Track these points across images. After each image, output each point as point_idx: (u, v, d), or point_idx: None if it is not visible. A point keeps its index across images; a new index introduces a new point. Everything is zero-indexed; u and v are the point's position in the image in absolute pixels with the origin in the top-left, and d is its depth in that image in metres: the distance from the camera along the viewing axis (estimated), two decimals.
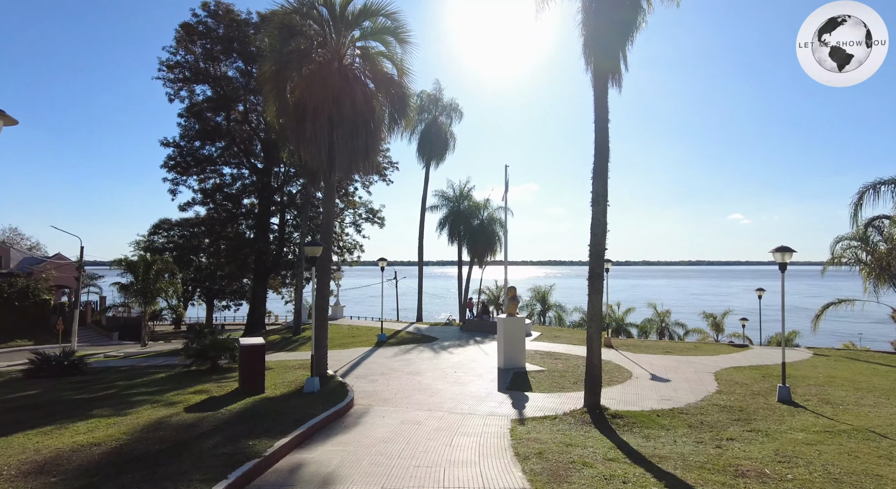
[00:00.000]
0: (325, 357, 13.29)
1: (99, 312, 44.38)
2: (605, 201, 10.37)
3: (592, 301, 10.31)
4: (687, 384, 13.74)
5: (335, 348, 20.65)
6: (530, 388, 13.05)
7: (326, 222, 13.47)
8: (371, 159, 13.11)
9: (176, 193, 31.57)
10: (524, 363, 15.97)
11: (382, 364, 16.63)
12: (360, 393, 12.50)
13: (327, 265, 13.49)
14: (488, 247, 37.19)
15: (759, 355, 19.41)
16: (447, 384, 13.59)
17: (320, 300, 13.30)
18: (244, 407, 10.22)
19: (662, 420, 10.01)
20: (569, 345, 20.73)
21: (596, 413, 9.96)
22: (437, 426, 9.41)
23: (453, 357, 17.89)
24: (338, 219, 37.09)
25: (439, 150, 32.42)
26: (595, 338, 10.28)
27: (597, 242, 10.32)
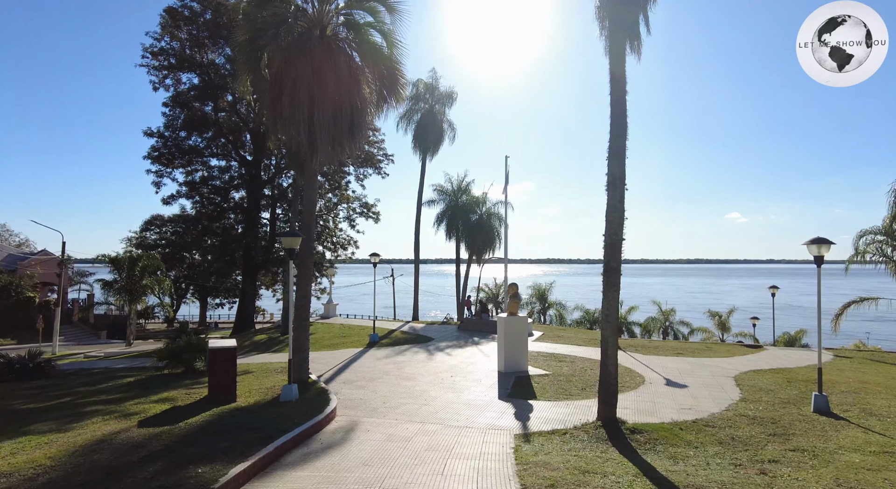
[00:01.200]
0: (305, 361, 11.98)
1: (84, 310, 42.87)
2: (623, 184, 9.06)
3: (608, 298, 9.01)
4: (706, 390, 12.46)
5: (323, 349, 19.34)
6: (534, 395, 11.75)
7: (308, 211, 12.14)
8: (357, 140, 11.79)
9: (160, 186, 30.21)
10: (527, 366, 14.68)
11: (372, 367, 15.32)
12: (345, 401, 11.19)
13: (309, 258, 12.17)
14: (487, 244, 35.88)
15: (776, 357, 18.15)
16: (442, 390, 12.29)
17: (301, 298, 12.00)
18: (207, 420, 8.89)
19: (687, 435, 8.72)
20: (573, 346, 19.46)
21: (612, 427, 8.67)
22: (429, 444, 8.10)
23: (450, 359, 16.58)
24: (331, 214, 35.77)
25: (436, 140, 31.05)
26: (611, 341, 8.99)
27: (613, 231, 9.02)
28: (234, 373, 10.65)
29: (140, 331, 50.15)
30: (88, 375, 15.96)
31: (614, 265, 9.01)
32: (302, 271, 12.09)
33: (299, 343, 11.88)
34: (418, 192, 31.60)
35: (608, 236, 9.07)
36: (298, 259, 12.21)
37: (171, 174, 30.52)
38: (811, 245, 10.38)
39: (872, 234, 18.31)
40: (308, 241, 12.10)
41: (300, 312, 11.96)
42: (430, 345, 19.41)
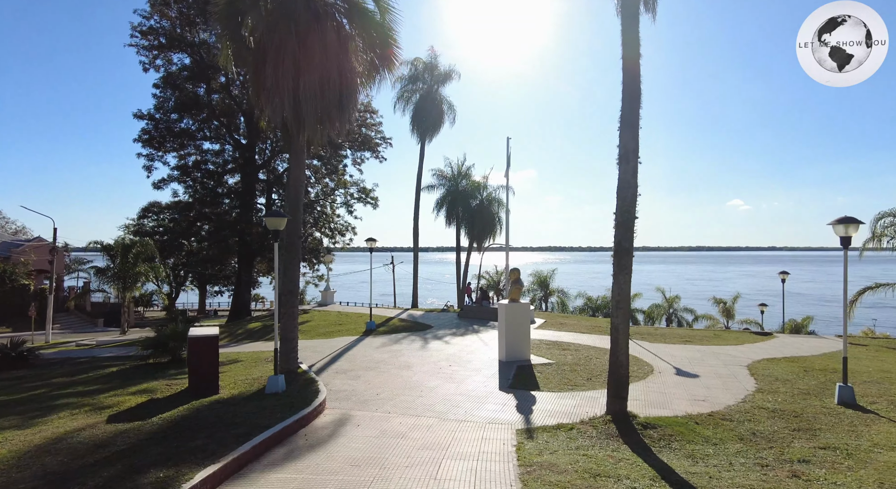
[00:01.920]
0: (294, 350, 11.28)
1: (74, 298, 42.23)
2: (636, 158, 8.25)
3: (619, 282, 8.25)
4: (719, 380, 11.77)
5: (318, 337, 18.68)
6: (537, 386, 11.07)
7: (294, 191, 11.35)
8: (347, 114, 10.95)
9: (151, 170, 29.27)
10: (529, 355, 13.99)
11: (367, 356, 14.64)
12: (336, 393, 10.51)
13: (296, 242, 11.41)
14: (488, 230, 35.09)
15: (788, 345, 17.45)
16: (440, 380, 11.61)
17: (288, 284, 11.26)
18: (183, 414, 8.21)
19: (704, 430, 8.03)
20: (577, 334, 18.77)
21: (623, 422, 7.97)
22: (424, 441, 7.41)
23: (448, 348, 15.90)
24: (328, 199, 34.92)
25: (435, 122, 30.05)
26: (622, 330, 8.25)
27: (625, 209, 8.23)
28: (216, 362, 9.96)
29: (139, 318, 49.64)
30: (72, 365, 15.33)
31: (626, 246, 8.24)
32: (289, 255, 11.33)
33: (287, 331, 11.17)
34: (417, 176, 30.74)
35: (619, 214, 8.29)
36: (285, 242, 11.46)
37: (163, 158, 29.60)
38: (838, 225, 9.58)
39: (891, 216, 17.48)
40: (295, 223, 11.33)
41: (288, 299, 11.24)
42: (428, 334, 18.74)
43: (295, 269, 11.31)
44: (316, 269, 35.81)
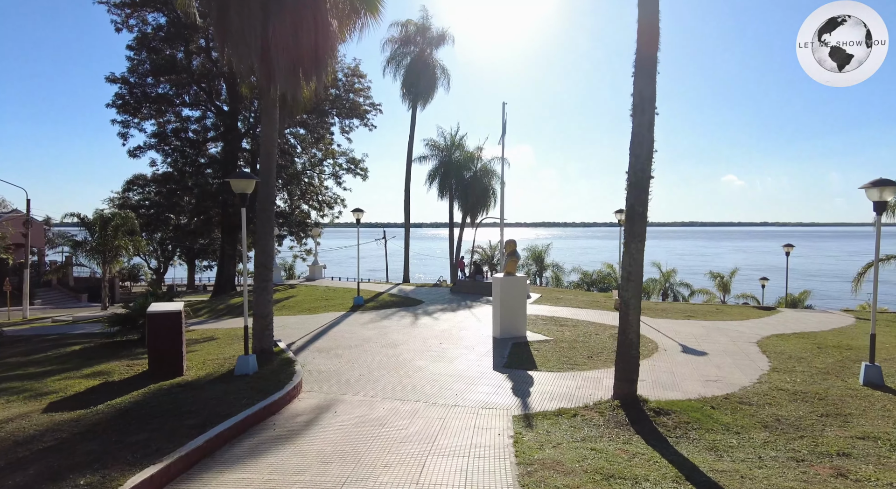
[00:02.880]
0: (268, 328, 10.29)
1: (51, 272, 40.90)
2: (653, 108, 7.15)
3: (630, 251, 7.25)
4: (730, 358, 10.95)
5: (302, 313, 17.73)
6: (535, 365, 10.20)
7: (266, 151, 10.17)
8: (323, 65, 9.69)
9: (127, 137, 27.64)
10: (525, 331, 13.12)
11: (353, 333, 13.72)
12: (315, 374, 9.59)
13: (269, 208, 10.27)
14: (482, 203, 34.01)
15: (795, 320, 16.70)
16: (429, 360, 10.71)
17: (261, 255, 10.18)
18: (136, 400, 7.24)
19: (722, 415, 7.18)
20: (574, 309, 17.95)
21: (633, 408, 7.09)
22: (407, 432, 6.49)
23: (440, 324, 15.00)
24: (315, 170, 33.51)
25: (427, 87, 28.50)
26: (633, 305, 7.29)
27: (639, 167, 7.17)
28: (180, 341, 8.96)
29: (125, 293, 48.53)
30: (36, 342, 14.29)
31: (640, 210, 7.21)
32: (261, 223, 10.22)
33: (261, 307, 10.15)
34: (408, 146, 29.38)
35: (632, 173, 7.23)
36: (258, 208, 10.34)
37: (140, 125, 27.91)
38: (872, 189, 8.58)
39: None
40: (267, 187, 10.18)
41: (261, 272, 10.18)
42: (418, 309, 17.83)
43: (269, 239, 10.22)
44: (304, 243, 34.69)
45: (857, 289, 19.01)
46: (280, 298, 21.78)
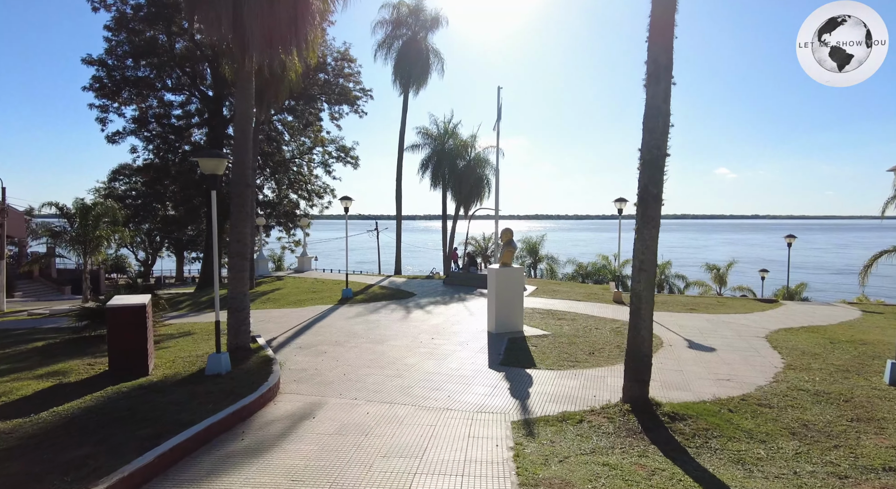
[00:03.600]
0: (245, 322, 9.47)
1: (30, 263, 39.69)
2: (670, 76, 6.36)
3: (643, 238, 6.49)
4: (739, 355, 10.29)
5: (287, 306, 16.89)
6: (533, 363, 9.47)
7: (241, 129, 9.28)
8: (302, 34, 8.82)
9: (106, 122, 26.44)
10: (522, 326, 12.40)
11: (339, 328, 12.92)
12: (296, 373, 8.80)
13: (245, 192, 9.41)
14: (476, 193, 33.15)
15: (799, 313, 16.11)
16: (420, 357, 9.96)
17: (236, 243, 9.34)
18: (87, 406, 6.42)
19: (743, 420, 6.48)
20: (572, 302, 17.25)
21: (645, 412, 6.37)
22: (393, 442, 5.73)
23: (431, 318, 14.24)
24: (304, 158, 32.48)
25: (420, 72, 27.49)
26: (645, 298, 6.55)
27: (654, 143, 6.39)
28: (145, 338, 8.12)
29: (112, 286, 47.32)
30: (1, 337, 13.37)
31: (654, 191, 6.44)
32: (236, 207, 9.36)
33: (236, 300, 9.33)
34: (400, 133, 28.40)
35: (646, 150, 6.45)
36: (233, 192, 9.48)
37: (120, 110, 26.70)
38: None
39: None
40: (242, 168, 9.31)
41: (237, 262, 9.34)
42: (410, 302, 17.05)
43: (244, 225, 9.37)
44: (292, 234, 33.74)
45: (864, 281, 18.43)
46: (266, 291, 20.94)
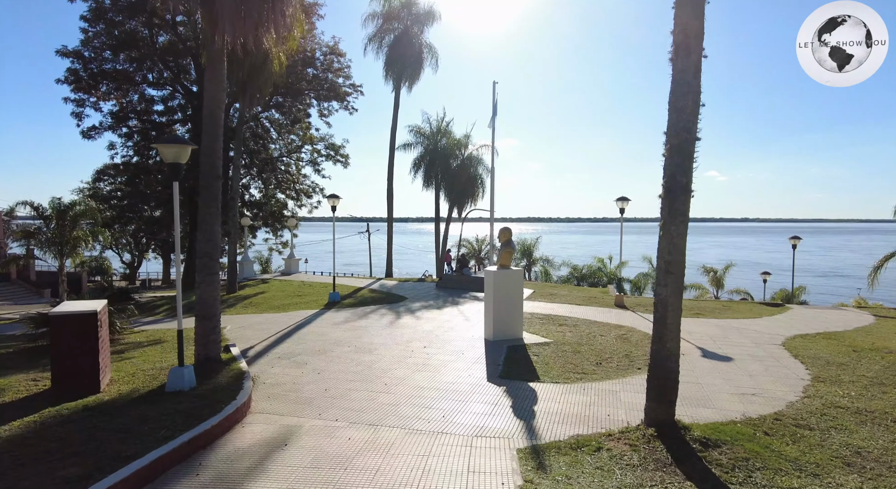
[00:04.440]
0: (215, 332, 8.46)
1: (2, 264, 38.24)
2: (700, 47, 5.48)
3: (670, 234, 5.59)
4: (760, 365, 9.43)
5: (269, 311, 15.86)
6: (536, 375, 8.55)
7: (212, 114, 8.29)
8: (279, 9, 7.89)
9: (82, 117, 25.21)
10: (521, 332, 11.50)
11: (323, 335, 11.93)
12: (271, 388, 7.82)
13: (215, 184, 8.42)
14: (469, 193, 32.26)
15: (810, 318, 15.33)
16: (411, 368, 9.00)
17: (205, 242, 8.34)
18: (9, 435, 5.40)
19: (784, 446, 5.59)
20: (571, 306, 16.36)
21: (672, 437, 5.46)
22: (377, 480, 4.77)
23: (423, 324, 13.28)
24: (293, 157, 31.42)
25: (413, 68, 26.53)
26: (672, 305, 5.65)
27: (682, 125, 5.50)
28: (96, 350, 7.10)
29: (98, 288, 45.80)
30: None
31: (682, 181, 5.54)
32: (205, 202, 8.36)
33: (205, 306, 8.33)
34: (391, 130, 27.47)
35: (673, 134, 5.56)
36: (202, 184, 8.48)
37: (98, 104, 25.47)
38: None
39: None
40: (212, 158, 8.32)
41: (205, 263, 8.34)
42: (400, 306, 16.08)
43: (214, 222, 8.37)
44: (279, 235, 32.62)
45: (873, 284, 17.72)
46: (249, 294, 19.88)
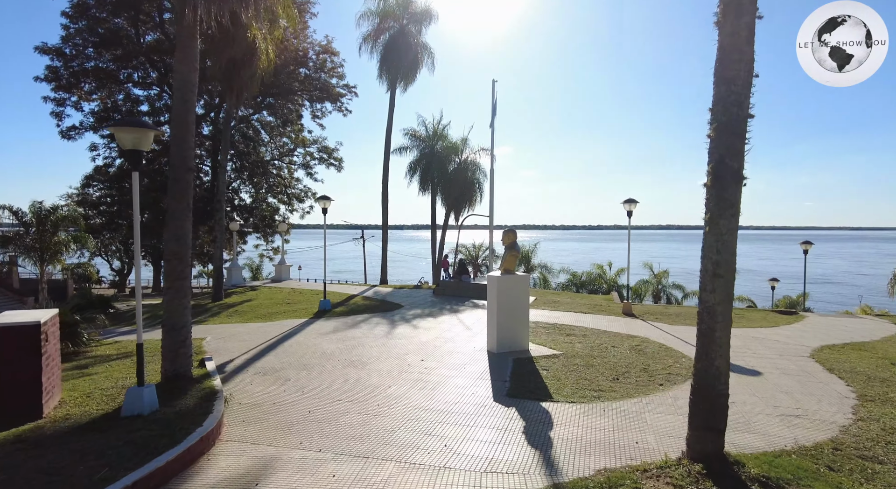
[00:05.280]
0: (184, 345, 7.44)
1: None
2: (754, 7, 4.59)
3: (718, 230, 4.69)
4: (793, 380, 8.52)
5: (255, 320, 14.82)
6: (548, 393, 7.58)
7: (182, 98, 7.29)
8: None
9: (62, 117, 24.15)
10: (528, 344, 10.54)
11: (311, 347, 10.92)
12: (246, 410, 6.80)
13: (186, 178, 7.43)
14: (466, 197, 31.41)
15: (831, 326, 14.48)
16: (407, 385, 8.01)
17: (172, 242, 7.34)
18: None
19: (858, 486, 4.65)
20: (576, 314, 15.43)
21: (725, 475, 4.51)
22: None
23: (420, 334, 12.29)
24: (284, 160, 30.46)
25: (409, 68, 25.69)
26: (722, 315, 4.75)
27: (732, 99, 4.61)
28: (38, 368, 6.08)
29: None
30: None
31: (733, 166, 4.63)
32: (173, 196, 7.37)
33: (173, 316, 7.31)
34: (386, 132, 26.56)
35: (721, 110, 4.65)
36: (171, 173, 7.49)
37: (79, 104, 24.43)
38: None
39: None
40: (182, 148, 7.35)
41: (173, 265, 7.34)
42: (395, 315, 15.08)
43: (185, 220, 7.38)
44: (271, 241, 31.55)
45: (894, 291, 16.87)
46: (235, 302, 18.81)
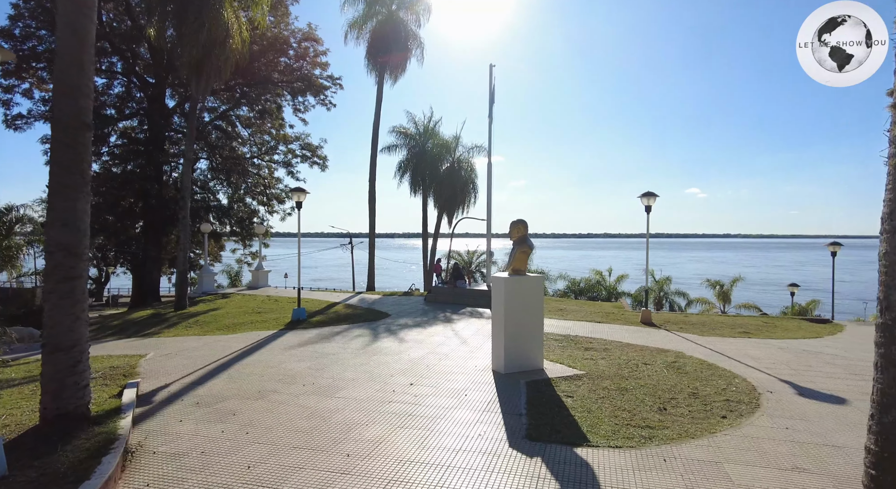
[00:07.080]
0: (76, 372, 5.32)
1: None
2: None
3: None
4: None
5: (216, 332, 12.66)
6: (580, 433, 5.59)
7: (70, 26, 5.01)
8: None
9: (10, 105, 21.82)
10: (542, 361, 8.54)
11: (273, 366, 8.81)
12: (161, 464, 4.71)
13: (81, 139, 5.32)
14: (459, 199, 29.54)
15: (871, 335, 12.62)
16: (389, 424, 5.96)
17: (60, 230, 5.22)
18: None
19: None
20: (589, 323, 13.50)
21: None
22: None
23: (410, 349, 10.22)
24: (263, 158, 28.34)
25: (397, 59, 23.91)
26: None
27: None
28: None
29: None
30: None
31: None
32: (62, 166, 5.26)
33: (58, 330, 5.19)
34: (373, 127, 24.59)
35: None
36: (55, 132, 5.39)
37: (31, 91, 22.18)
38: None
39: None
40: (72, 95, 5.26)
41: (59, 261, 5.24)
42: (380, 326, 13.01)
43: (76, 198, 5.30)
44: (249, 245, 29.32)
45: None
46: (199, 311, 16.60)
